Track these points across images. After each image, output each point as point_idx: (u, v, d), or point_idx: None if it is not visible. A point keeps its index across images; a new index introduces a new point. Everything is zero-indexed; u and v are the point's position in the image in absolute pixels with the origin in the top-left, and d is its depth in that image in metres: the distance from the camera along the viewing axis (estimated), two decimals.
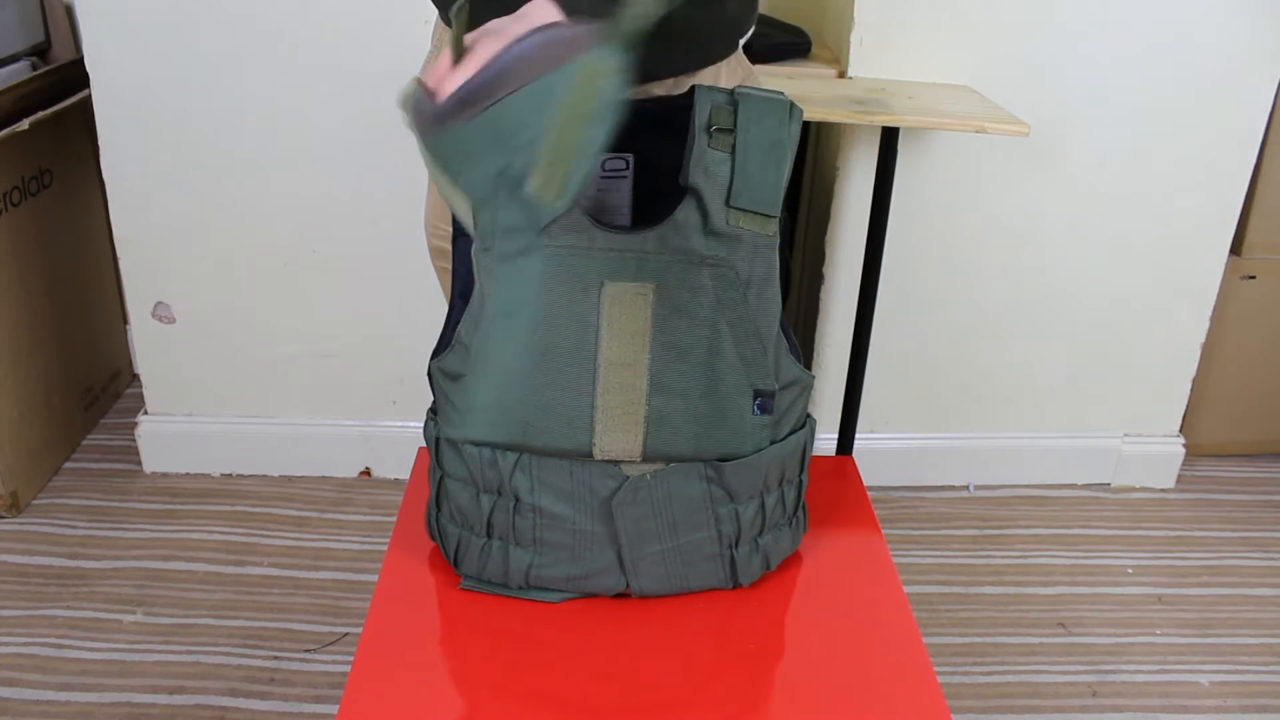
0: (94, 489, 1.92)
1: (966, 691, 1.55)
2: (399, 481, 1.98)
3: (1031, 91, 1.72)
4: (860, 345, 1.57)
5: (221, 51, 1.68)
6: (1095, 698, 1.55)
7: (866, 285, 1.53)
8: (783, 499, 0.96)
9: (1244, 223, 1.91)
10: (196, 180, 1.77)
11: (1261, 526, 1.95)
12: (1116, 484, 2.05)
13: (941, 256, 1.84)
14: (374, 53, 1.68)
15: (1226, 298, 1.96)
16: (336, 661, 1.56)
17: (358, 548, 1.79)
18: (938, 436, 2.00)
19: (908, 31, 1.67)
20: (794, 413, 0.94)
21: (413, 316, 1.85)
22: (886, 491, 2.00)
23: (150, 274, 1.85)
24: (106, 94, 1.72)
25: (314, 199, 1.79)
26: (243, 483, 1.96)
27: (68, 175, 1.98)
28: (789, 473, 0.96)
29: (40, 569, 1.72)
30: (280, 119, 1.73)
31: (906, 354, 1.92)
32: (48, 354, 1.94)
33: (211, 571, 1.73)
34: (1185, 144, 1.78)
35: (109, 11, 1.65)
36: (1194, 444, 2.09)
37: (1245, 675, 1.61)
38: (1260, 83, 1.75)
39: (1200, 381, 2.01)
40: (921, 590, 1.75)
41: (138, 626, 1.61)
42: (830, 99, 1.49)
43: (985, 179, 1.78)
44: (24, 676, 1.51)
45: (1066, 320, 1.91)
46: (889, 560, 1.05)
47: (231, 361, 1.91)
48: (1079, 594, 1.76)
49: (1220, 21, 1.70)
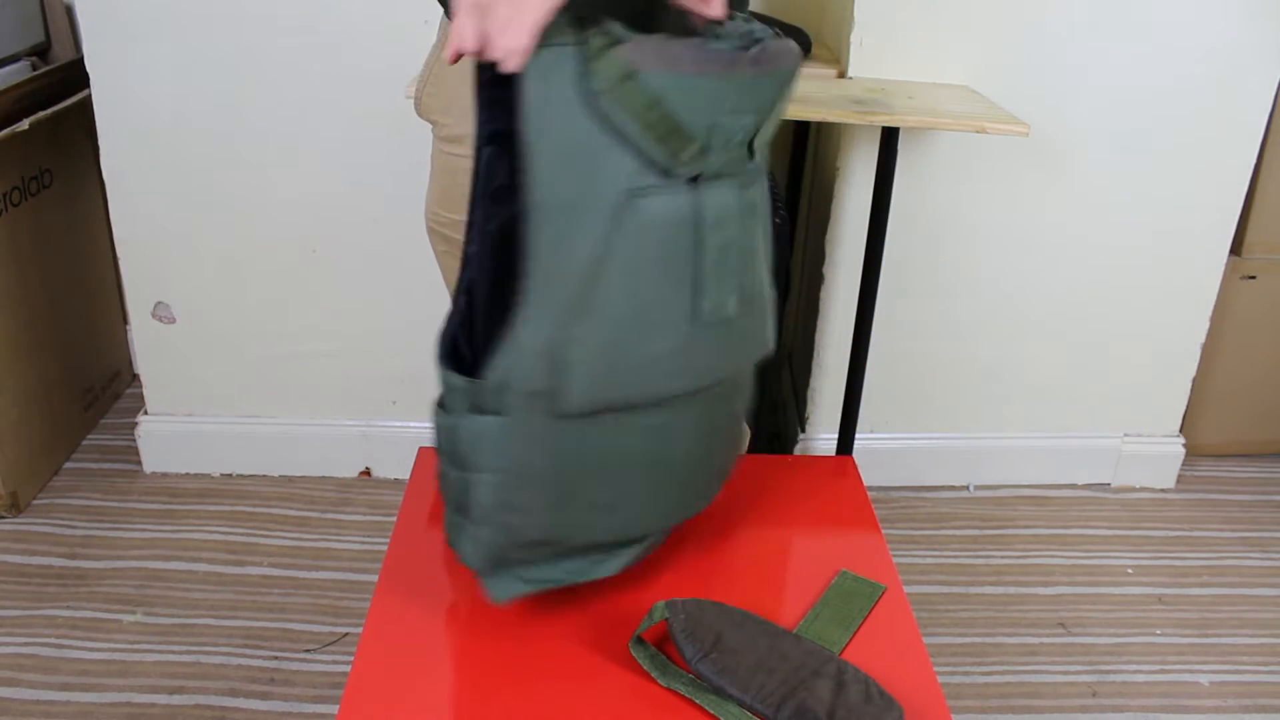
0: (94, 489, 1.92)
1: (966, 691, 1.55)
2: (399, 481, 1.98)
3: (1031, 91, 1.72)
4: (860, 345, 1.57)
5: (221, 52, 1.68)
6: (1095, 698, 1.55)
7: (866, 285, 1.53)
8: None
9: (1244, 223, 1.91)
10: (196, 180, 1.77)
11: (1261, 526, 1.95)
12: (1116, 484, 2.05)
13: (941, 256, 1.84)
14: (374, 53, 1.68)
15: (1226, 298, 1.96)
16: (336, 661, 1.56)
17: (358, 548, 1.79)
18: (938, 436, 2.00)
19: (908, 31, 1.67)
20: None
21: (413, 316, 1.85)
22: (886, 491, 2.00)
23: (150, 274, 1.85)
24: (106, 94, 1.72)
25: (314, 199, 1.79)
26: (243, 483, 1.96)
27: (68, 175, 1.98)
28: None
29: (40, 569, 1.72)
30: (280, 119, 1.73)
31: (906, 354, 1.92)
32: (48, 354, 1.94)
33: (211, 571, 1.73)
34: (1185, 144, 1.78)
35: (109, 11, 1.65)
36: (1194, 444, 2.09)
37: (1245, 675, 1.61)
38: (1260, 83, 1.75)
39: (1200, 381, 2.01)
40: (921, 590, 1.75)
41: (138, 626, 1.61)
42: (830, 99, 1.49)
43: (985, 179, 1.78)
44: (24, 676, 1.51)
45: (1066, 320, 1.91)
46: (889, 560, 1.05)
47: (231, 361, 1.91)
48: (1079, 594, 1.76)
49: (1220, 21, 1.70)
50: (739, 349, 0.91)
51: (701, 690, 0.86)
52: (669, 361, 0.85)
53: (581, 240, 0.80)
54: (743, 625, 0.89)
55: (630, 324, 0.82)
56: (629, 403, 0.85)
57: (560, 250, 0.80)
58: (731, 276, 0.86)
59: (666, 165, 0.80)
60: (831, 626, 0.94)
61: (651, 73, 0.78)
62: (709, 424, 0.93)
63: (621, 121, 0.78)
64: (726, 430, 0.97)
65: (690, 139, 0.80)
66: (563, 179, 0.79)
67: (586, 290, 0.80)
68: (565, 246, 0.80)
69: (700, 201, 0.82)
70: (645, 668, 0.88)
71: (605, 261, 0.80)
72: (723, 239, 0.84)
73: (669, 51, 0.79)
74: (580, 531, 0.91)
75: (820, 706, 0.82)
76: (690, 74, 0.79)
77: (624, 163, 0.79)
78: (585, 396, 0.83)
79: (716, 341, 0.88)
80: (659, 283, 0.82)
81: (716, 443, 0.96)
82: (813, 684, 0.84)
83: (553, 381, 0.82)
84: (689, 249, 0.83)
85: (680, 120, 0.79)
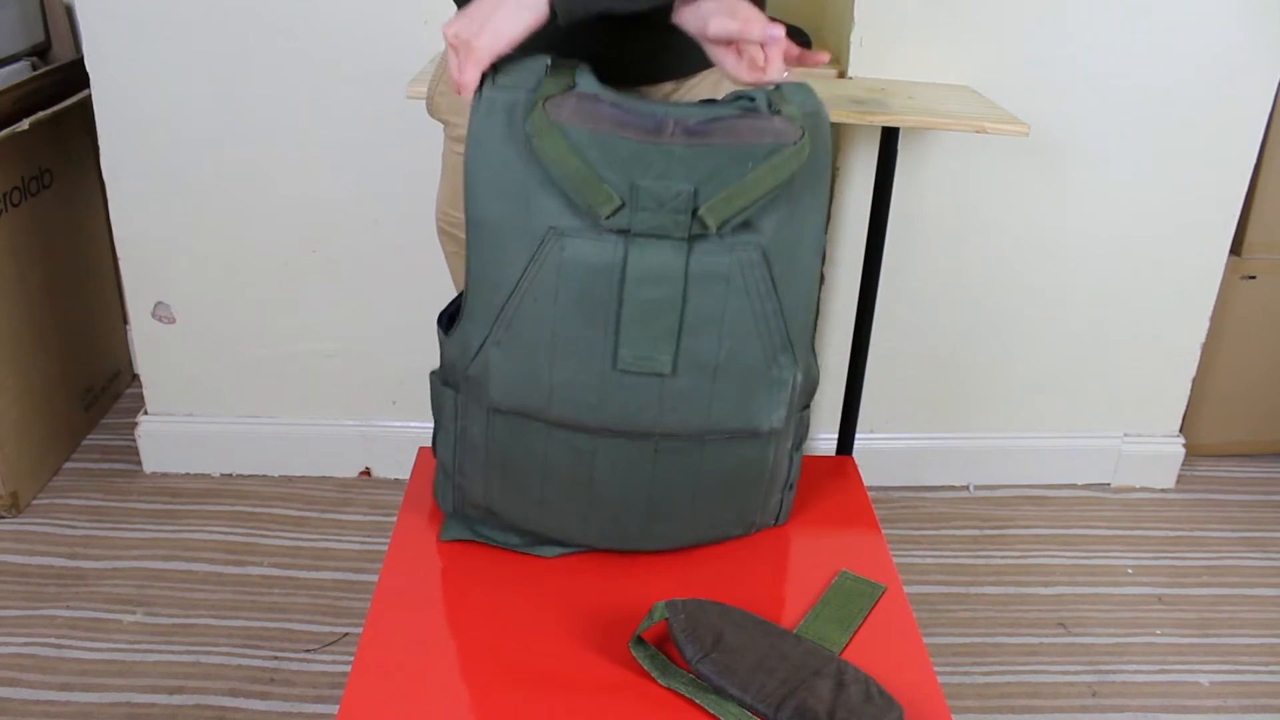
0: (94, 489, 1.92)
1: (966, 691, 1.55)
2: (399, 481, 1.98)
3: (1031, 91, 1.72)
4: (860, 345, 1.57)
5: (221, 52, 1.68)
6: (1095, 698, 1.55)
7: (866, 285, 1.53)
8: None
9: (1244, 223, 1.91)
10: (196, 180, 1.77)
11: (1261, 526, 1.95)
12: (1116, 484, 2.05)
13: (941, 256, 1.84)
14: (374, 53, 1.68)
15: (1226, 298, 1.96)
16: (336, 661, 1.56)
17: (358, 548, 1.79)
18: (938, 436, 2.00)
19: (908, 31, 1.67)
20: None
21: (413, 317, 1.85)
22: (886, 491, 2.00)
23: (150, 274, 1.85)
24: (106, 94, 1.72)
25: (314, 199, 1.79)
26: (243, 483, 1.96)
27: (68, 175, 1.98)
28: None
29: (40, 569, 1.72)
30: (280, 119, 1.73)
31: (906, 354, 1.92)
32: (48, 354, 1.94)
33: (211, 571, 1.73)
34: (1185, 144, 1.78)
35: (109, 11, 1.65)
36: (1194, 444, 2.09)
37: (1245, 675, 1.61)
38: (1260, 83, 1.75)
39: (1200, 381, 2.01)
40: (921, 590, 1.75)
41: (138, 626, 1.61)
42: (830, 99, 1.49)
43: (985, 179, 1.78)
44: (24, 676, 1.51)
45: (1066, 320, 1.91)
46: (889, 560, 1.05)
47: (231, 361, 1.91)
48: (1079, 594, 1.76)
49: (1220, 22, 1.70)
50: (685, 409, 0.92)
51: (702, 690, 0.86)
52: (584, 392, 0.91)
53: (508, 261, 0.89)
54: (743, 625, 0.89)
55: (543, 348, 0.90)
56: (544, 416, 0.93)
57: (491, 264, 0.90)
58: (665, 335, 0.89)
59: (589, 213, 0.86)
60: (831, 626, 0.94)
61: (572, 126, 0.85)
62: (652, 468, 0.95)
63: (548, 164, 0.85)
64: (692, 486, 0.97)
65: (609, 194, 0.85)
66: (495, 204, 0.88)
67: (509, 306, 0.90)
68: (495, 262, 0.89)
69: (626, 254, 0.86)
70: (645, 668, 0.88)
71: (525, 285, 0.89)
72: (652, 295, 0.87)
73: (590, 110, 0.86)
74: (516, 512, 1.01)
75: (820, 706, 0.82)
76: (607, 133, 0.85)
77: (551, 202, 0.87)
78: (502, 396, 0.93)
79: (646, 393, 0.91)
80: (573, 319, 0.89)
81: (668, 491, 0.97)
82: (813, 684, 0.84)
83: (481, 375, 0.93)
84: (609, 296, 0.88)
85: (601, 175, 0.85)
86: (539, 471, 0.97)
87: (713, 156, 0.85)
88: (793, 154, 0.86)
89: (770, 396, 0.94)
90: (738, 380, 0.92)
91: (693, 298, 0.88)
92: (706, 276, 0.87)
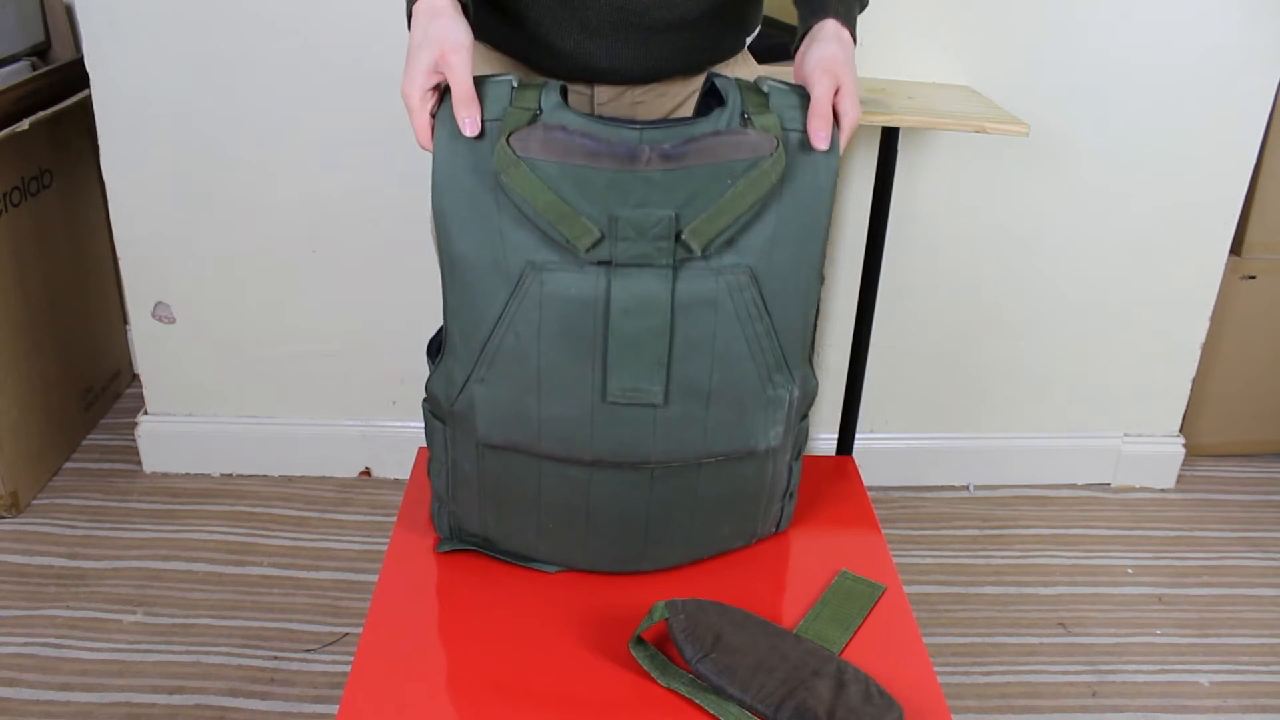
0: (94, 489, 1.92)
1: (966, 691, 1.55)
2: (399, 481, 1.98)
3: (1031, 91, 1.72)
4: (860, 345, 1.57)
5: (221, 52, 1.68)
6: (1095, 698, 1.55)
7: (866, 285, 1.53)
8: None
9: (1244, 223, 1.91)
10: (196, 180, 1.77)
11: (1261, 526, 1.95)
12: (1116, 484, 2.05)
13: (941, 256, 1.84)
14: (374, 53, 1.68)
15: (1226, 298, 1.96)
16: (336, 661, 1.56)
17: (358, 548, 1.79)
18: (938, 436, 2.00)
19: (908, 31, 1.67)
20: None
21: (413, 317, 1.85)
22: (886, 491, 2.00)
23: (150, 274, 1.85)
24: (106, 94, 1.72)
25: (314, 199, 1.79)
26: (243, 483, 1.96)
27: (68, 175, 1.98)
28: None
29: (40, 569, 1.72)
30: (280, 119, 1.73)
31: (906, 354, 1.92)
32: (48, 354, 1.94)
33: (211, 571, 1.73)
34: (1185, 144, 1.78)
35: (109, 11, 1.65)
36: (1194, 444, 2.09)
37: (1245, 675, 1.61)
38: (1260, 83, 1.75)
39: (1200, 381, 2.01)
40: (921, 590, 1.75)
41: (138, 626, 1.61)
42: None
43: (985, 179, 1.78)
44: (24, 676, 1.51)
45: (1066, 320, 1.91)
46: (889, 560, 1.05)
47: (231, 361, 1.91)
48: (1079, 594, 1.76)
49: (1220, 21, 1.70)
50: (680, 436, 0.91)
51: (701, 690, 0.86)
52: (575, 427, 0.89)
53: (486, 297, 0.87)
54: (743, 625, 0.89)
55: (529, 383, 0.88)
56: (535, 451, 0.91)
57: (469, 302, 0.88)
58: (654, 365, 0.87)
59: (567, 246, 0.84)
60: (831, 626, 0.94)
61: (542, 160, 0.83)
62: (649, 494, 0.94)
63: (519, 200, 0.83)
64: (690, 507, 0.97)
65: (586, 227, 0.83)
66: (468, 241, 0.86)
67: (491, 342, 0.88)
68: (473, 299, 0.87)
69: (609, 285, 0.85)
70: (645, 668, 0.88)
71: (506, 321, 0.87)
72: (639, 325, 0.86)
73: (560, 142, 0.83)
74: (513, 541, 0.99)
75: (820, 706, 0.82)
76: (578, 165, 0.83)
77: (526, 236, 0.85)
78: (490, 433, 0.91)
79: (639, 423, 0.89)
80: (558, 353, 0.87)
81: (666, 515, 0.96)
82: (813, 684, 0.84)
83: (467, 412, 0.91)
84: (593, 328, 0.86)
85: (576, 208, 0.83)
86: (533, 502, 0.95)
87: (691, 179, 0.84)
88: (770, 166, 0.85)
89: (767, 416, 0.93)
90: (732, 403, 0.91)
91: (681, 325, 0.86)
92: (694, 303, 0.86)
